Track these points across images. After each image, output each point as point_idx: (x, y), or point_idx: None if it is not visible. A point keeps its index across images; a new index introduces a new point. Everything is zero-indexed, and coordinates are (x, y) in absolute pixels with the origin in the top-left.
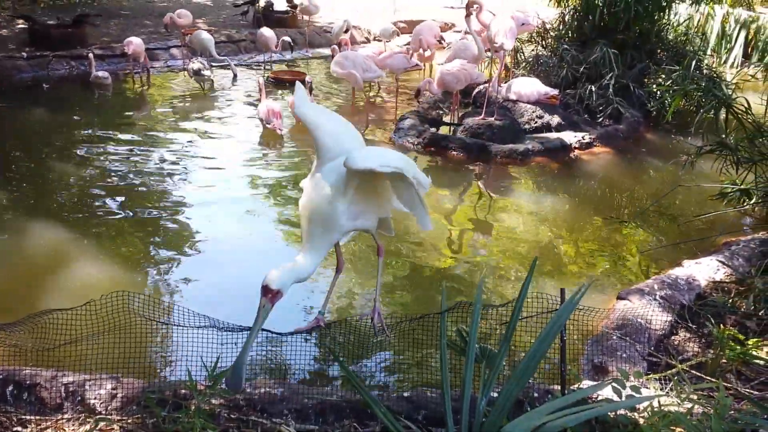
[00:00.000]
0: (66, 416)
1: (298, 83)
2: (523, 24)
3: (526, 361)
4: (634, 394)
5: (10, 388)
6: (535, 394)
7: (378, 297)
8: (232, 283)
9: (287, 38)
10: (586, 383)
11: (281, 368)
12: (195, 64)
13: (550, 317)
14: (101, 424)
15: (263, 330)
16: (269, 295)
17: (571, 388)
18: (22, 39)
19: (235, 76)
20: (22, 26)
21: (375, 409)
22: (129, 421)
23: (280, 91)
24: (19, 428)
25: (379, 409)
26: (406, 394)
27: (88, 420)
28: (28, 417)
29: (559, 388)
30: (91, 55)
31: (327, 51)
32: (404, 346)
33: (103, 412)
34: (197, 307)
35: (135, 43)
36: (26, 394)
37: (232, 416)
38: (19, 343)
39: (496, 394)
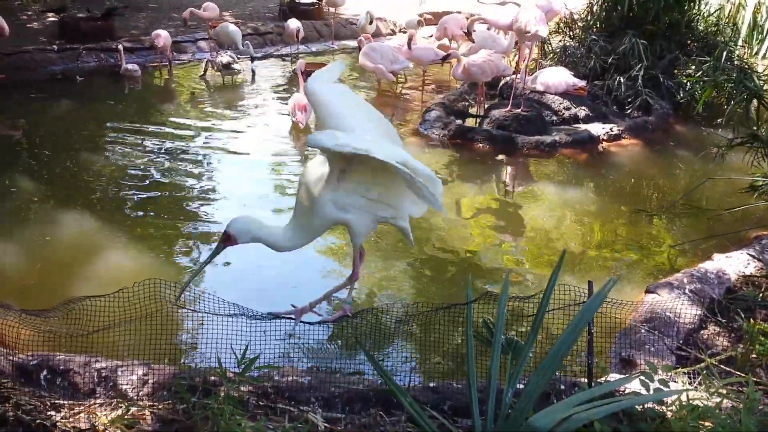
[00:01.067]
0: (98, 401)
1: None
2: (548, 12)
3: (553, 352)
4: (662, 387)
5: (44, 372)
6: (562, 387)
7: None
8: (260, 273)
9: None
10: (614, 376)
11: (308, 357)
12: (224, 57)
13: (576, 310)
14: (133, 409)
15: (290, 319)
16: (224, 236)
17: (598, 381)
18: (52, 32)
19: (253, 59)
20: (53, 19)
21: (401, 398)
22: (160, 406)
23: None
24: (53, 412)
25: (405, 399)
26: (431, 384)
27: (119, 405)
28: (61, 401)
29: (586, 380)
30: (121, 47)
31: (352, 43)
32: (429, 336)
33: (135, 398)
34: (226, 295)
35: (163, 36)
36: (59, 379)
37: (261, 403)
38: (54, 329)
39: (521, 386)
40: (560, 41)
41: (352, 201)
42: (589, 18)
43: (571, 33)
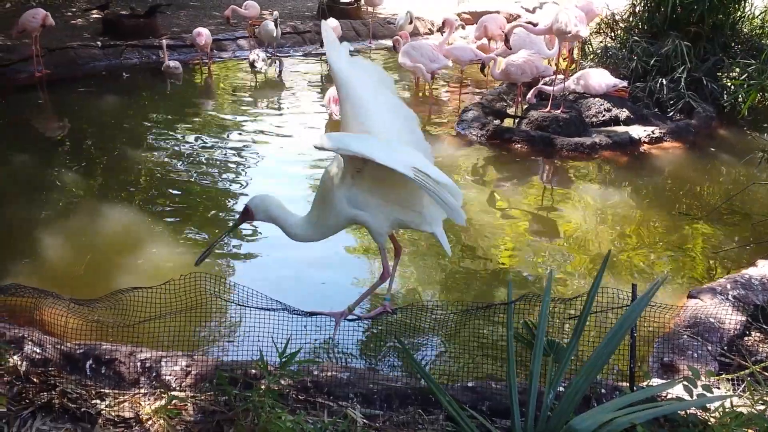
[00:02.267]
0: (142, 391)
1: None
2: (588, 12)
3: (596, 356)
4: (705, 393)
5: (90, 361)
6: (602, 390)
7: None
8: (300, 269)
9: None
10: (655, 381)
11: (347, 353)
12: (253, 55)
13: (618, 312)
14: (175, 400)
15: (327, 315)
16: (244, 209)
17: (640, 385)
18: (96, 28)
19: (281, 62)
20: (96, 16)
21: (440, 397)
22: (202, 397)
23: None
24: (97, 401)
25: (444, 398)
26: (470, 384)
27: (162, 395)
28: (106, 390)
29: (627, 385)
30: (164, 44)
31: (390, 42)
32: (467, 335)
33: (177, 388)
34: (266, 290)
35: (204, 35)
36: (104, 368)
37: (300, 397)
38: (101, 319)
39: (561, 389)
40: (601, 42)
41: (367, 201)
42: (631, 19)
43: (612, 34)
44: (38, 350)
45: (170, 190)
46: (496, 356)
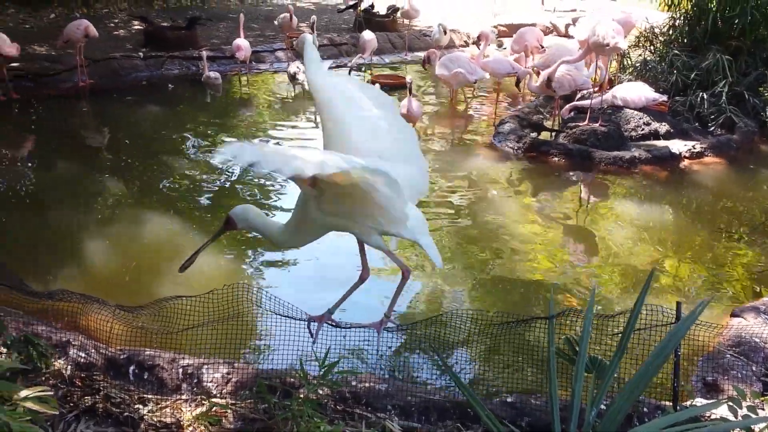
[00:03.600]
0: (183, 397)
1: (303, 35)
2: (625, 24)
3: (640, 374)
4: (750, 414)
5: (133, 367)
6: (645, 409)
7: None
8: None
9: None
10: (699, 401)
11: (385, 364)
12: (293, 67)
13: (660, 330)
14: (216, 407)
15: (360, 327)
16: (225, 219)
17: (683, 404)
18: (138, 40)
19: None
20: (138, 27)
21: (480, 412)
22: (242, 405)
23: None
24: (140, 406)
25: (484, 412)
26: (509, 399)
27: (203, 402)
28: (148, 396)
29: (670, 404)
30: (204, 56)
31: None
32: (505, 348)
33: (218, 395)
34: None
35: (244, 47)
36: (147, 373)
37: (338, 408)
38: (145, 326)
39: (603, 407)
40: (640, 55)
41: (337, 208)
42: (670, 32)
43: (651, 47)
44: (83, 354)
45: (211, 200)
46: (534, 370)
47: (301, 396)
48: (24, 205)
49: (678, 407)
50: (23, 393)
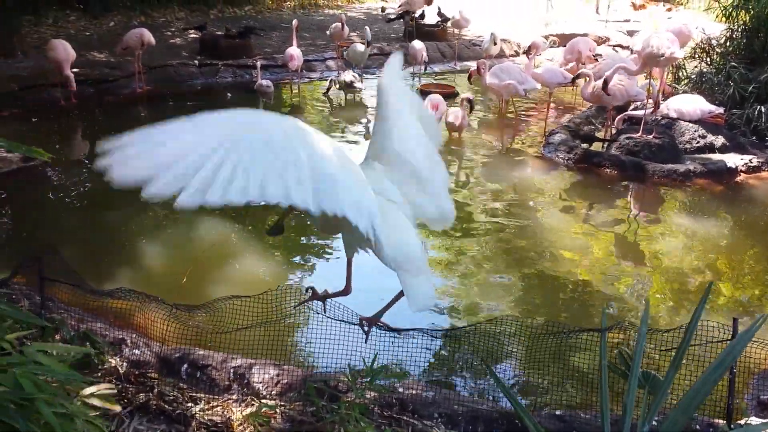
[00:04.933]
0: (233, 397)
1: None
2: (679, 34)
3: (695, 390)
4: None
5: (185, 366)
6: (697, 426)
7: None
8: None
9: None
10: (754, 420)
11: (432, 371)
12: (347, 75)
13: (715, 347)
14: (265, 408)
15: (412, 331)
16: None
17: (738, 423)
18: (194, 48)
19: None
20: (194, 36)
21: (528, 424)
22: (290, 407)
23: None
24: (191, 404)
25: (533, 425)
26: (557, 413)
27: (253, 403)
28: (199, 395)
29: (722, 422)
30: (258, 64)
31: (475, 65)
32: (554, 360)
33: (267, 396)
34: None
35: (296, 56)
36: (199, 373)
37: (385, 413)
38: (200, 325)
39: (654, 423)
40: (695, 67)
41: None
42: (727, 44)
43: (708, 59)
44: (137, 352)
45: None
46: (582, 383)
47: (349, 400)
48: (85, 207)
49: (732, 425)
50: (87, 390)
